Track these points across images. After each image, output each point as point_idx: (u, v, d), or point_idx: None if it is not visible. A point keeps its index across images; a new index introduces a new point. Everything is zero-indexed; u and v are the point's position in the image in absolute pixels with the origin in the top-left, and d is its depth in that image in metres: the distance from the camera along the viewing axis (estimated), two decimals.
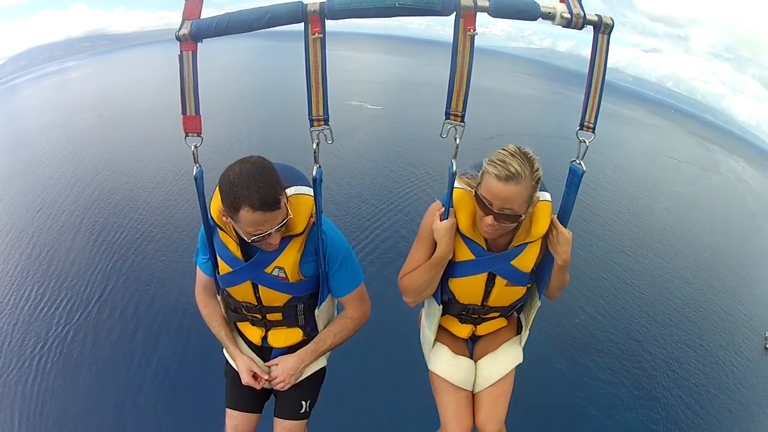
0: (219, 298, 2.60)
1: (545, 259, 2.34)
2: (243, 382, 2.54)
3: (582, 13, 1.81)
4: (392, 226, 14.72)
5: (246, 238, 2.07)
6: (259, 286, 2.35)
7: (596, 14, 1.83)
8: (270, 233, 2.02)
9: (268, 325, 2.58)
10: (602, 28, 1.86)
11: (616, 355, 10.17)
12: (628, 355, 10.40)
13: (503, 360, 2.60)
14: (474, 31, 1.76)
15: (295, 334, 2.59)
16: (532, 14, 1.78)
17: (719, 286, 15.28)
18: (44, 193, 16.06)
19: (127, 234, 13.29)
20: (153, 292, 9.95)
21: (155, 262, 12.06)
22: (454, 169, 2.01)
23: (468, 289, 2.41)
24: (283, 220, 2.03)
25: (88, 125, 23.38)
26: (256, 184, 1.90)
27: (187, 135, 1.97)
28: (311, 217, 2.21)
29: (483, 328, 2.65)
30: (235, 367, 2.59)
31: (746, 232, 21.71)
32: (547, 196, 2.21)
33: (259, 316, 2.52)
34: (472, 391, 2.60)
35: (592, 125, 1.99)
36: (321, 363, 2.68)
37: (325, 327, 2.57)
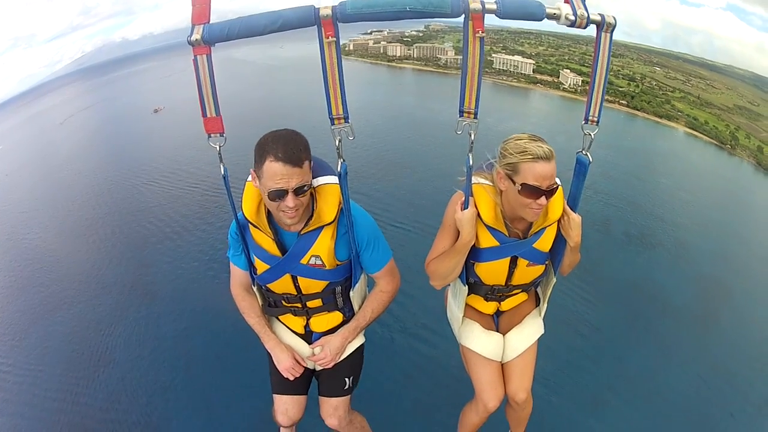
0: (255, 290, 2.56)
1: (558, 239, 2.39)
2: (282, 373, 2.52)
3: (586, 14, 1.79)
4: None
5: (265, 196, 2.05)
6: (298, 277, 2.34)
7: (599, 14, 1.80)
8: (287, 191, 1.98)
9: (309, 313, 2.55)
10: (605, 27, 1.84)
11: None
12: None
13: (528, 332, 2.67)
14: (482, 32, 1.72)
15: (335, 318, 2.58)
16: (538, 15, 1.75)
17: None
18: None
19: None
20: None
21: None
22: (471, 162, 2.02)
23: (493, 272, 2.46)
24: (302, 186, 2.00)
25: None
26: (283, 140, 1.96)
27: (209, 136, 1.91)
28: (340, 204, 2.20)
29: (506, 304, 2.71)
30: (275, 359, 2.55)
31: None
32: (557, 180, 2.24)
33: (299, 305, 2.50)
34: (500, 362, 2.65)
35: (596, 119, 2.00)
36: (360, 340, 2.66)
37: (359, 306, 2.57)
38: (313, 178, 2.19)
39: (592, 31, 1.85)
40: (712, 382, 8.09)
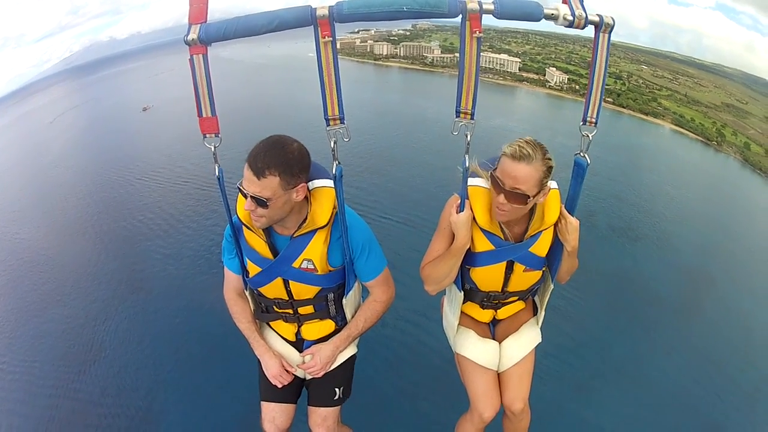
0: (248, 295, 2.49)
1: (556, 244, 2.31)
2: (270, 380, 2.44)
3: (584, 14, 1.74)
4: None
5: None
6: (290, 281, 2.27)
7: (597, 14, 1.76)
8: (246, 195, 1.95)
9: (300, 320, 2.46)
10: (603, 28, 1.79)
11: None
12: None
13: (525, 340, 2.58)
14: (480, 32, 1.68)
15: (327, 326, 2.50)
16: (535, 16, 1.70)
17: None
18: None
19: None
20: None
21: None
22: (467, 164, 1.97)
23: (489, 277, 2.38)
24: (260, 198, 1.92)
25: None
26: (261, 148, 1.92)
27: (205, 137, 1.87)
28: (335, 209, 2.14)
29: (503, 312, 2.63)
30: (263, 366, 2.48)
31: None
32: (554, 184, 2.18)
33: (290, 311, 2.43)
34: (497, 371, 2.57)
35: (594, 120, 1.95)
36: (352, 350, 2.57)
37: (352, 315, 2.47)
38: (309, 181, 2.13)
39: (584, 30, 1.80)
40: (699, 368, 8.19)
